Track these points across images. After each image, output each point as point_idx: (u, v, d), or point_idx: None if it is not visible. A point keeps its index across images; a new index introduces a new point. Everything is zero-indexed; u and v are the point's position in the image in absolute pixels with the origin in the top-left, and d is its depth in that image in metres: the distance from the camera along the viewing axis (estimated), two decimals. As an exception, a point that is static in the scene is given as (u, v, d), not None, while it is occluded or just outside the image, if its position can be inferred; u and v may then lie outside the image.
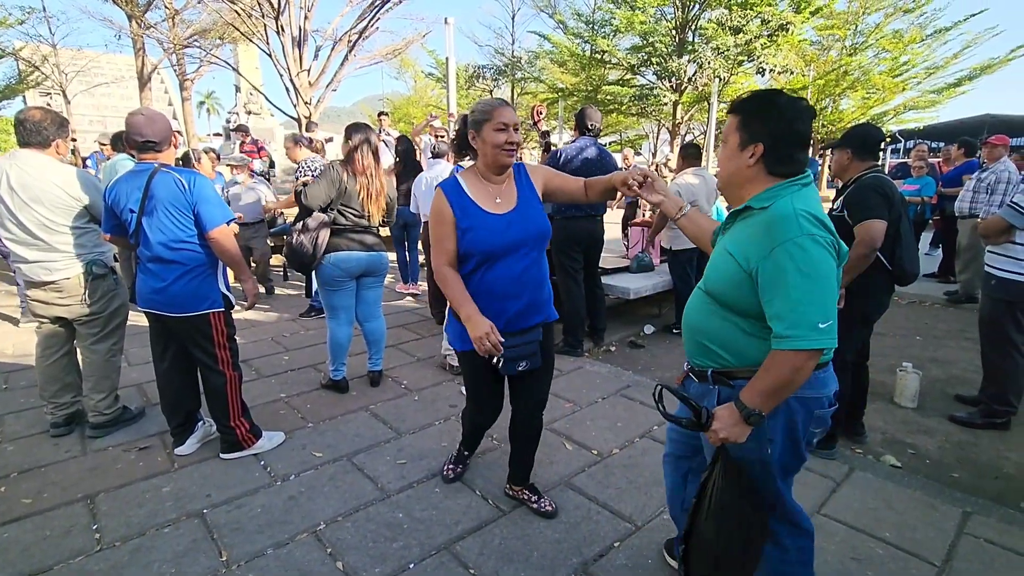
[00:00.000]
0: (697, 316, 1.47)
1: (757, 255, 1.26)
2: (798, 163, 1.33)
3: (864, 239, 2.49)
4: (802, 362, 1.22)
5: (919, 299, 6.08)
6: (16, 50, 16.97)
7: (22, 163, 2.56)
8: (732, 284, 1.34)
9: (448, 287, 1.91)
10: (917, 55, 16.81)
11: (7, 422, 3.06)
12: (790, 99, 1.33)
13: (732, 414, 1.32)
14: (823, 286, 1.21)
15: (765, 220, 1.28)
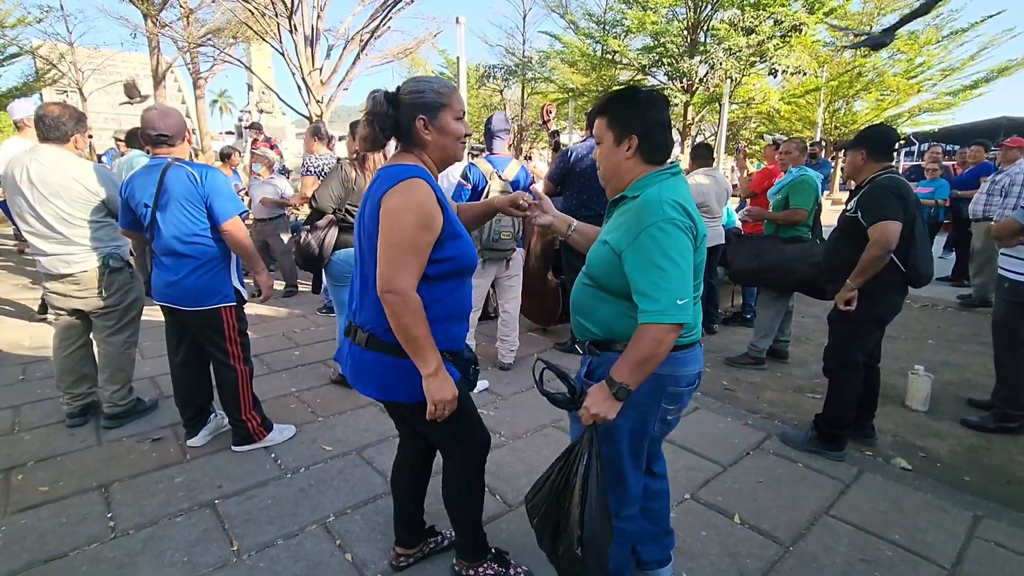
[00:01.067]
0: (578, 296, 1.59)
1: (627, 239, 1.37)
2: (668, 148, 1.49)
3: (878, 240, 2.47)
4: (663, 335, 1.31)
5: (932, 302, 6.02)
6: (34, 48, 17.23)
7: (41, 158, 2.61)
8: (605, 266, 1.45)
9: (419, 323, 1.38)
10: (933, 57, 16.64)
11: (24, 412, 3.11)
12: (648, 92, 1.49)
13: (603, 390, 1.39)
14: (682, 266, 1.32)
15: (635, 207, 1.40)
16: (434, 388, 1.43)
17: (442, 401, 1.44)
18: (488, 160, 3.59)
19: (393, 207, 1.37)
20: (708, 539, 2.12)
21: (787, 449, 2.80)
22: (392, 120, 1.47)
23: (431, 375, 1.42)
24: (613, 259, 1.41)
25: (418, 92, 1.46)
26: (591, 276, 1.52)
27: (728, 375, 3.95)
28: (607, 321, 1.49)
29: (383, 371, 1.51)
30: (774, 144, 4.97)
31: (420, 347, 1.40)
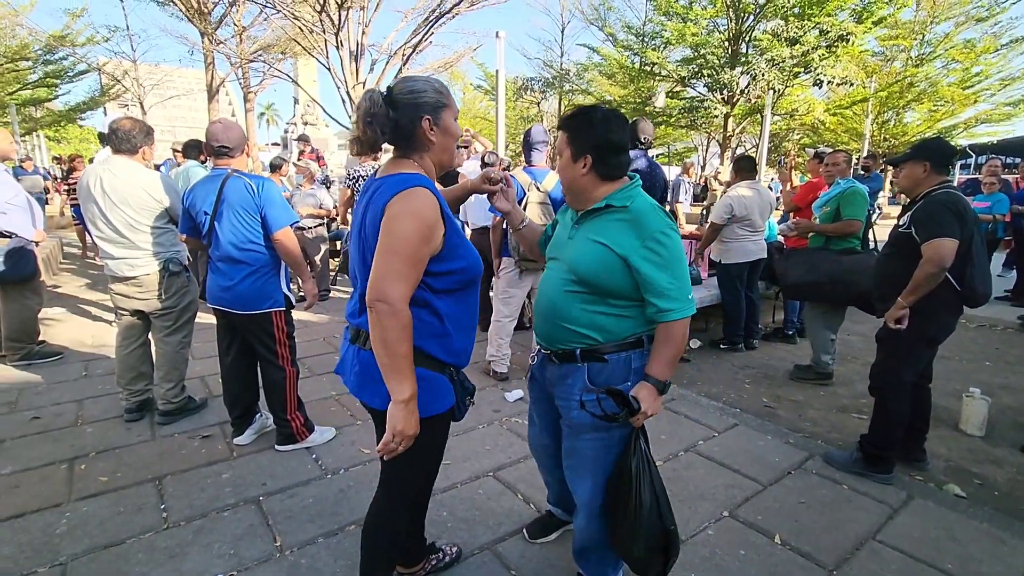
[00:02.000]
0: (562, 303, 1.57)
1: (630, 244, 1.45)
2: (623, 166, 1.56)
3: (932, 258, 2.38)
4: (686, 327, 1.48)
5: (990, 322, 5.72)
6: (101, 65, 18.42)
7: (113, 168, 2.81)
8: (606, 268, 1.48)
9: (405, 340, 1.27)
10: (991, 65, 15.95)
11: (87, 406, 3.31)
12: (604, 113, 1.52)
13: (651, 391, 1.49)
14: (685, 266, 1.50)
15: (632, 216, 1.48)
16: (401, 417, 1.29)
17: (403, 434, 1.30)
18: (527, 171, 3.64)
19: (395, 215, 1.28)
20: (747, 559, 2.07)
21: (831, 470, 2.71)
22: (392, 122, 1.36)
23: (403, 402, 1.28)
24: (615, 261, 1.46)
25: (418, 91, 1.37)
26: (582, 281, 1.52)
27: (769, 392, 3.86)
28: (605, 325, 1.53)
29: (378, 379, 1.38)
30: (817, 157, 4.85)
31: (399, 368, 1.28)
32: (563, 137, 1.56)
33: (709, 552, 2.10)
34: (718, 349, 4.72)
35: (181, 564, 1.99)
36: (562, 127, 1.57)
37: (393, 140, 1.40)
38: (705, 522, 2.27)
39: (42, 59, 16.67)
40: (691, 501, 2.43)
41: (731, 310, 4.65)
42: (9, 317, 3.88)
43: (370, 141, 1.37)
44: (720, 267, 4.64)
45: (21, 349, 3.95)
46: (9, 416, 3.17)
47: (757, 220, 4.45)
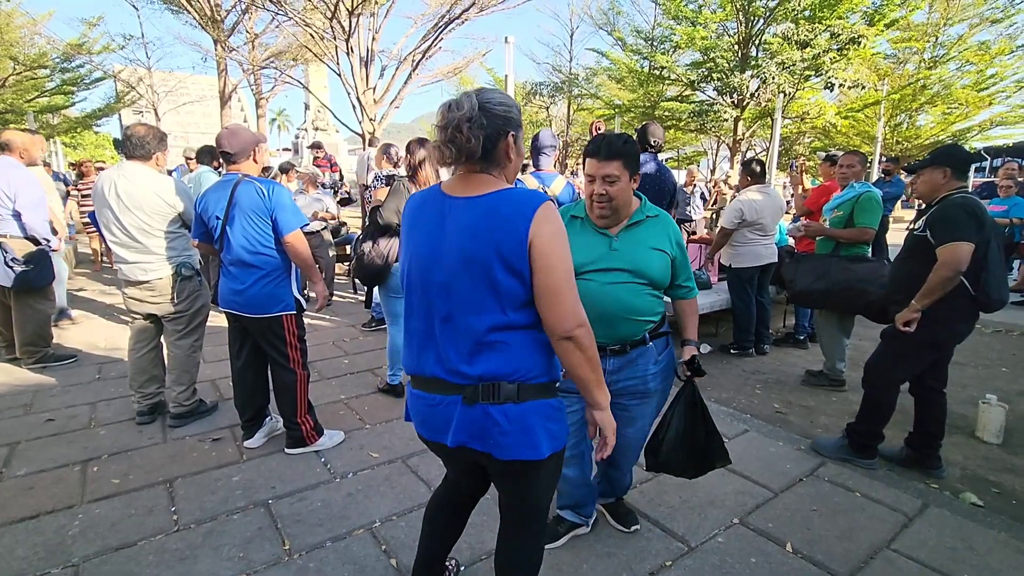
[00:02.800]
0: (635, 301, 1.85)
1: (670, 246, 1.89)
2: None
3: (948, 261, 2.37)
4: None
5: (1006, 328, 5.62)
6: (116, 72, 18.71)
7: (127, 173, 2.85)
8: (663, 269, 1.88)
9: (596, 360, 1.29)
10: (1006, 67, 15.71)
11: (100, 408, 3.35)
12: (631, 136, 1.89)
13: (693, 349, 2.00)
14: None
15: (661, 222, 1.92)
16: (609, 419, 1.37)
17: (614, 431, 1.39)
18: (535, 176, 3.64)
19: (551, 237, 1.21)
20: (758, 566, 2.05)
21: (843, 477, 2.68)
22: (481, 131, 1.24)
23: (607, 406, 1.36)
24: (667, 260, 1.89)
25: (507, 106, 1.29)
26: (651, 281, 1.86)
27: (780, 397, 3.82)
28: (655, 308, 1.91)
29: (546, 420, 1.32)
30: (829, 160, 4.79)
31: (600, 376, 1.32)
32: (618, 165, 1.76)
33: (719, 560, 2.07)
34: (728, 354, 4.68)
35: (191, 566, 2.00)
36: (616, 156, 1.76)
37: (468, 156, 1.25)
38: (715, 529, 2.25)
39: (59, 67, 16.96)
40: (701, 508, 2.40)
41: (741, 315, 4.61)
42: (24, 321, 3.94)
43: (471, 149, 1.22)
44: (730, 271, 4.60)
45: (37, 352, 4.01)
46: (24, 418, 3.21)
47: (768, 224, 4.42)
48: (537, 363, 1.30)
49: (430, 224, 1.31)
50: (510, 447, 1.29)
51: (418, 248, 1.33)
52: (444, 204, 1.30)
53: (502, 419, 1.27)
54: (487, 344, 1.26)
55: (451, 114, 1.22)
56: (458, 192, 1.29)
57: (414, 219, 1.36)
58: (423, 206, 1.35)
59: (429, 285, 1.30)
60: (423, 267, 1.31)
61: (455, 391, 1.30)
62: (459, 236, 1.25)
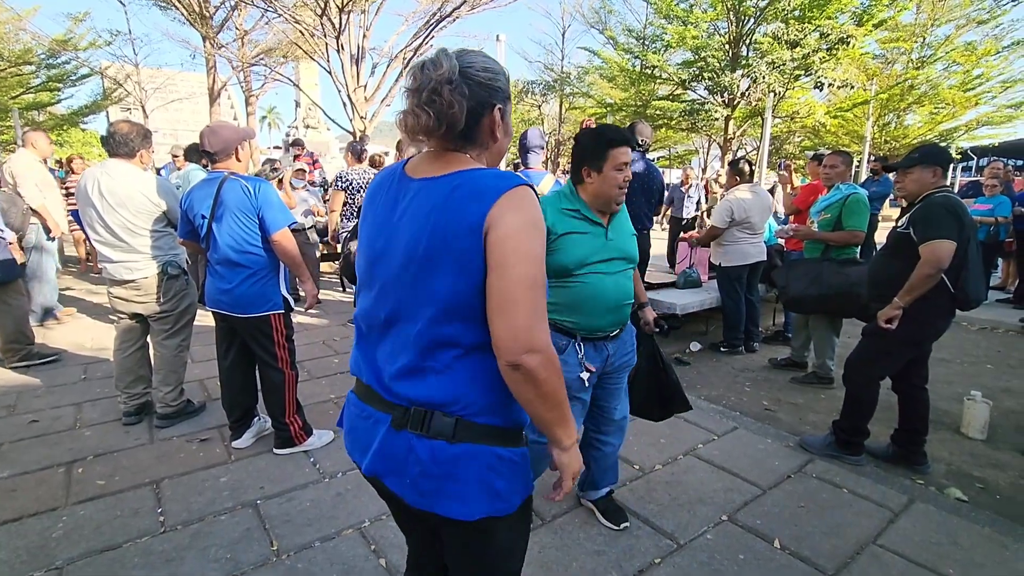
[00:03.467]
0: (628, 285, 2.02)
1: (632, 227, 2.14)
2: None
3: (930, 259, 2.41)
4: None
5: (992, 325, 5.69)
6: (103, 69, 18.48)
7: (111, 171, 2.81)
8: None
9: (563, 383, 0.98)
10: (992, 68, 15.91)
11: (85, 409, 3.31)
12: None
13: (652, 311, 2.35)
14: None
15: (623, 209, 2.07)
16: (574, 459, 1.05)
17: (576, 474, 1.07)
18: (523, 174, 3.64)
19: (515, 228, 0.93)
20: (746, 563, 2.06)
21: (831, 473, 2.70)
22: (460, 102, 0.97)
23: (572, 445, 1.05)
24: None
25: (493, 73, 1.02)
26: (633, 262, 2.06)
27: (769, 395, 3.84)
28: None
29: (487, 471, 1.00)
30: (817, 159, 4.82)
31: (565, 413, 1.01)
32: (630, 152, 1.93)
33: (708, 557, 2.08)
34: (718, 352, 4.70)
35: (178, 568, 1.98)
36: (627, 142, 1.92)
37: (449, 127, 0.99)
38: (704, 526, 2.26)
39: (45, 63, 16.72)
40: (690, 505, 2.41)
41: (731, 313, 4.63)
42: (3, 320, 3.89)
43: (454, 116, 0.97)
44: (719, 270, 4.62)
45: (20, 351, 3.95)
46: (7, 419, 3.16)
47: (756, 222, 4.44)
48: (487, 397, 1.01)
49: (383, 209, 1.07)
50: (427, 495, 1.01)
51: (368, 237, 1.09)
52: (401, 186, 1.06)
53: (426, 457, 1.00)
54: (427, 361, 1.00)
55: (425, 74, 0.97)
56: (420, 173, 1.04)
57: (369, 203, 1.12)
58: (380, 188, 1.11)
59: (375, 280, 1.07)
60: (370, 259, 1.08)
61: (387, 409, 1.05)
62: (409, 224, 1.00)
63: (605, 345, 2.01)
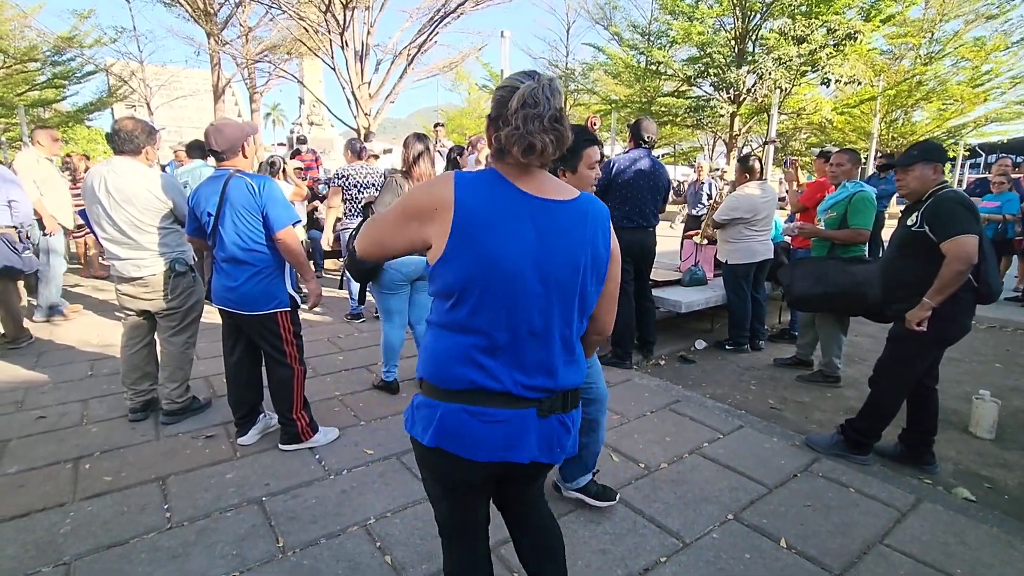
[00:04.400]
0: None
1: None
2: None
3: (959, 255, 2.37)
4: None
5: (1000, 324, 5.65)
6: (108, 66, 18.53)
7: (117, 168, 2.81)
8: None
9: None
10: (1001, 64, 15.77)
11: (92, 406, 3.32)
12: None
13: None
14: None
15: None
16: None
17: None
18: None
19: (616, 253, 1.29)
20: (752, 562, 2.05)
21: (837, 473, 2.69)
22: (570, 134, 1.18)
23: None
24: None
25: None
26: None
27: (775, 394, 3.83)
28: None
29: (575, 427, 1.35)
30: (823, 155, 4.78)
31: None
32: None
33: (714, 555, 2.08)
34: (723, 350, 4.69)
35: (184, 564, 1.99)
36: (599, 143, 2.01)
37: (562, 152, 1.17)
38: (710, 525, 2.25)
39: (50, 60, 16.78)
40: (696, 504, 2.41)
41: (737, 311, 4.61)
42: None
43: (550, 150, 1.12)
44: (726, 267, 4.60)
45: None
46: (15, 415, 3.18)
47: (763, 220, 4.42)
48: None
49: (514, 225, 1.13)
50: (568, 450, 1.31)
51: (498, 251, 1.12)
52: (530, 205, 1.14)
53: (570, 425, 1.29)
54: (573, 353, 1.26)
55: (548, 100, 1.09)
56: (542, 192, 1.16)
57: (488, 216, 1.12)
58: (497, 202, 1.14)
59: (516, 294, 1.14)
60: (507, 274, 1.12)
61: (528, 405, 1.20)
62: (564, 243, 1.16)
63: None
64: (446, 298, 1.18)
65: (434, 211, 1.13)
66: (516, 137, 1.09)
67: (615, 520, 2.28)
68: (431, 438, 1.20)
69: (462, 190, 1.13)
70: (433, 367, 1.22)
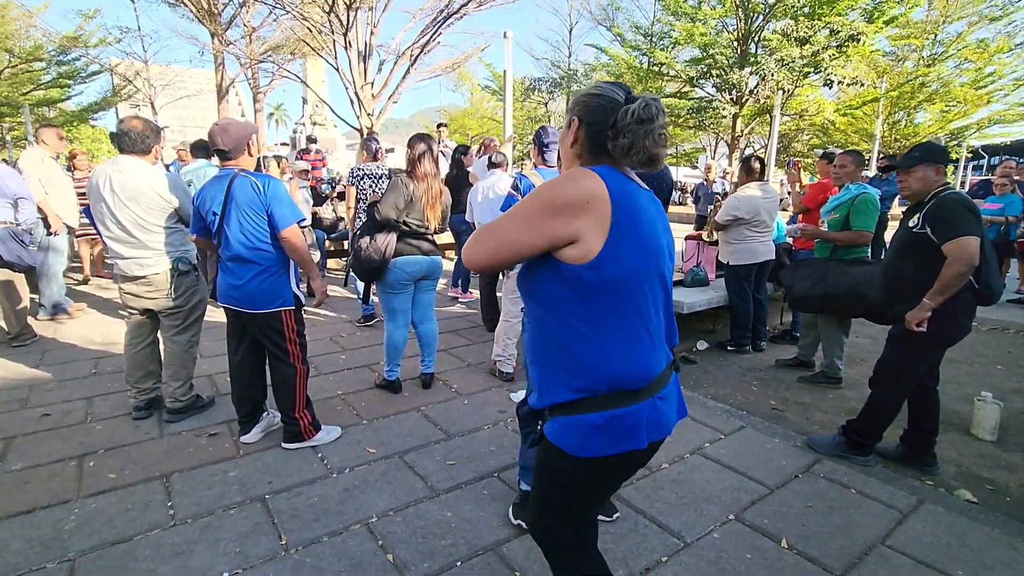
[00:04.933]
0: None
1: None
2: None
3: (961, 257, 2.38)
4: None
5: (1002, 326, 5.64)
6: (113, 66, 18.61)
7: (123, 168, 2.82)
8: None
9: None
10: (1005, 65, 15.75)
11: (96, 403, 3.34)
12: None
13: None
14: None
15: None
16: None
17: None
18: (539, 171, 3.64)
19: None
20: (753, 563, 2.06)
21: (839, 474, 2.69)
22: None
23: None
24: None
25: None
26: None
27: (776, 394, 3.83)
28: None
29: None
30: (826, 157, 4.78)
31: None
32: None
33: (715, 555, 2.08)
34: (725, 351, 4.69)
35: (187, 561, 2.00)
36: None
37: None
38: (711, 525, 2.26)
39: (55, 60, 16.87)
40: (697, 504, 2.41)
41: (738, 312, 4.61)
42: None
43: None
44: (728, 268, 4.61)
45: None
46: (20, 413, 3.20)
47: (766, 220, 4.42)
48: None
49: (649, 212, 1.23)
50: (679, 411, 1.34)
51: (653, 237, 1.22)
52: (644, 192, 1.27)
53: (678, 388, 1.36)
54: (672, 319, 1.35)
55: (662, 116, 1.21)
56: (640, 183, 1.28)
57: (636, 205, 1.19)
58: (631, 192, 1.21)
59: (660, 278, 1.25)
60: (656, 260, 1.23)
61: (671, 369, 1.32)
62: (666, 228, 1.30)
63: None
64: (606, 294, 1.16)
65: (586, 204, 1.12)
66: (638, 149, 1.18)
67: (616, 520, 2.28)
68: (644, 439, 1.20)
69: (611, 182, 1.16)
70: (626, 370, 1.19)
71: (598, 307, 1.16)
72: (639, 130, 1.16)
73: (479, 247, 1.22)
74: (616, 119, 1.18)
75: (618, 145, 1.18)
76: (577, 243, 1.13)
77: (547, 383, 1.25)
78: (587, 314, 1.17)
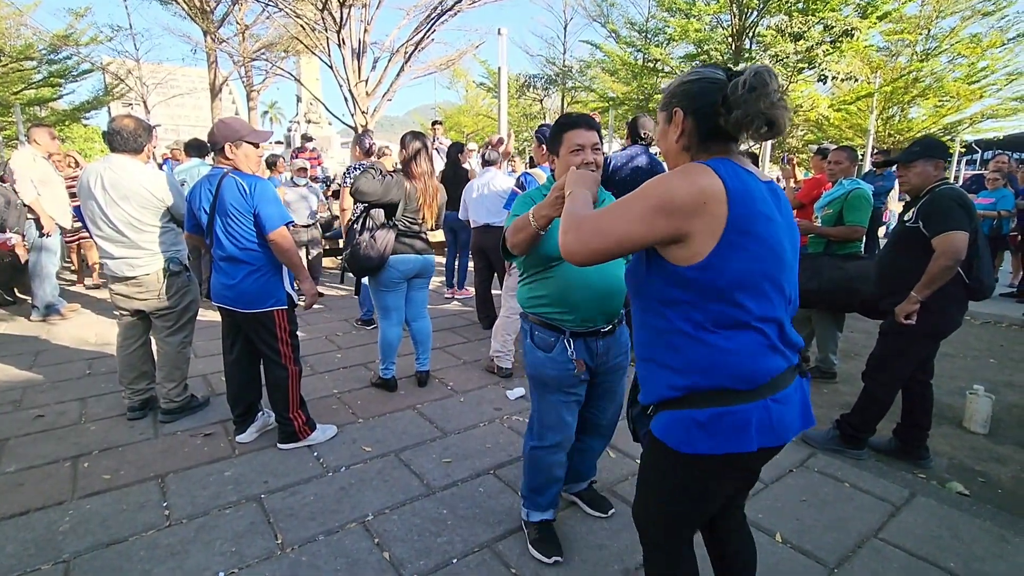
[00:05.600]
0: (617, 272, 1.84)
1: None
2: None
3: (947, 251, 2.40)
4: None
5: (995, 319, 5.68)
6: (104, 64, 18.45)
7: (115, 166, 2.80)
8: None
9: None
10: (997, 60, 15.77)
11: (90, 404, 3.33)
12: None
13: None
14: None
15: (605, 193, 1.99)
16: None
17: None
18: (544, 169, 3.64)
19: None
20: (748, 557, 2.06)
21: (833, 468, 2.70)
22: None
23: None
24: None
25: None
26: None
27: (771, 390, 3.84)
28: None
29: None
30: (820, 153, 4.79)
31: None
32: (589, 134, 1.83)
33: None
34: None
35: (183, 561, 2.00)
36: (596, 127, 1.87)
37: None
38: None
39: (46, 59, 16.68)
40: (692, 499, 2.42)
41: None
42: None
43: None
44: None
45: None
46: (13, 414, 3.19)
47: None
48: None
49: (770, 208, 1.17)
50: (804, 419, 1.26)
51: (773, 237, 1.16)
52: (764, 186, 1.19)
53: (802, 393, 1.26)
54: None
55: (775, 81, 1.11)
56: (760, 176, 1.21)
57: (755, 203, 1.13)
58: (751, 188, 1.14)
59: (787, 273, 1.20)
60: (781, 257, 1.18)
61: (795, 372, 1.24)
62: (789, 214, 1.25)
63: (596, 342, 1.91)
64: (710, 294, 1.12)
65: (703, 205, 1.07)
66: (754, 115, 1.09)
67: (612, 515, 2.29)
68: (754, 441, 1.14)
69: (729, 179, 1.10)
70: (734, 370, 1.14)
71: (703, 306, 1.13)
72: (752, 97, 1.08)
73: (582, 236, 1.13)
74: (726, 95, 1.11)
75: (731, 119, 1.10)
76: (684, 243, 1.10)
77: (651, 379, 1.24)
78: (692, 312, 1.14)
